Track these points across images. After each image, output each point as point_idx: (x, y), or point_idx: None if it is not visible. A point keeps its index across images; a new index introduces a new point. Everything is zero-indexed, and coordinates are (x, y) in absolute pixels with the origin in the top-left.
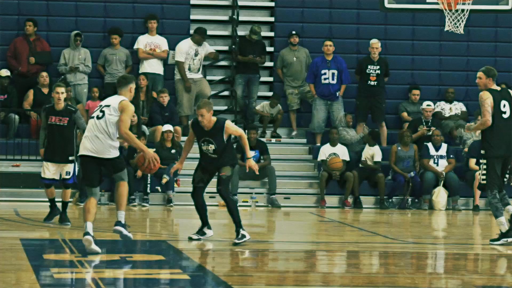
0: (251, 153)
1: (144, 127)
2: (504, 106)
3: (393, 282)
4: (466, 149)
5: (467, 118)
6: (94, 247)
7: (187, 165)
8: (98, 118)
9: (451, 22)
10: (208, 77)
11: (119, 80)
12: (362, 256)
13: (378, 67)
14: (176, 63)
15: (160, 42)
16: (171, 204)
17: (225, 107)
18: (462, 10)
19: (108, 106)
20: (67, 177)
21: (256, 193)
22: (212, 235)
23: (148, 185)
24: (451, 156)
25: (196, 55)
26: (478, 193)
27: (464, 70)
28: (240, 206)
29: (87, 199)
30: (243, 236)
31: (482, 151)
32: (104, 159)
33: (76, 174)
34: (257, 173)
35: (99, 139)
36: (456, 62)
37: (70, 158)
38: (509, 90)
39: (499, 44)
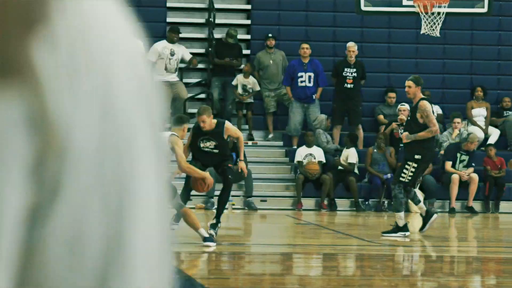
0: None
1: None
2: (433, 113)
3: (369, 285)
4: (442, 152)
5: (443, 120)
6: None
7: None
8: None
9: (427, 25)
10: (185, 80)
11: (176, 118)
12: (338, 259)
13: (354, 70)
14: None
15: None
16: None
17: None
18: (438, 13)
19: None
20: None
21: (232, 196)
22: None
23: None
24: None
25: (172, 54)
26: (454, 195)
27: (440, 73)
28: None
29: None
30: (214, 234)
31: (418, 156)
32: None
33: None
34: (246, 175)
35: None
36: (432, 65)
37: None
38: None
39: (475, 47)
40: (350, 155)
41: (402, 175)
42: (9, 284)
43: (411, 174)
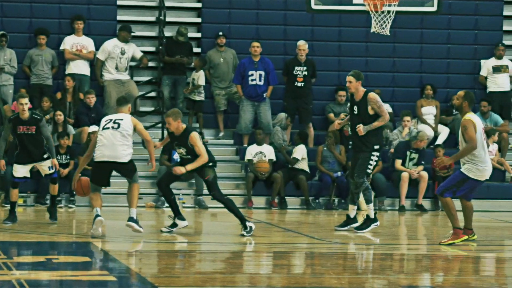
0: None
1: (71, 128)
2: None
3: (320, 283)
4: (392, 150)
5: (393, 119)
6: (100, 230)
7: None
8: (114, 128)
9: (377, 24)
10: (135, 78)
11: (119, 99)
12: (289, 257)
13: (305, 68)
14: (95, 59)
15: (86, 43)
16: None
17: (152, 108)
18: (388, 12)
19: (121, 119)
20: (52, 171)
21: (183, 194)
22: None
23: None
24: None
25: (123, 53)
26: (404, 193)
27: (390, 71)
28: (166, 207)
29: (92, 193)
30: (251, 228)
31: (377, 146)
32: (120, 163)
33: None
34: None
35: (118, 145)
36: (382, 63)
37: (45, 156)
38: None
39: (424, 46)
40: (296, 151)
41: (369, 166)
42: None
43: (374, 164)
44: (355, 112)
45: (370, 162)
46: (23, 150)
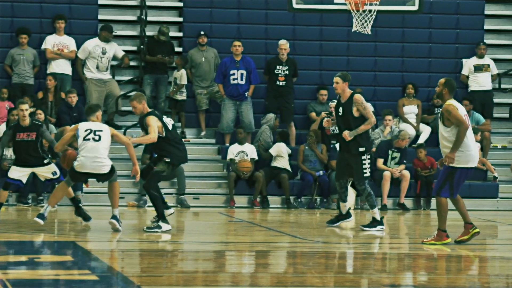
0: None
1: (52, 127)
2: None
3: (302, 282)
4: (374, 149)
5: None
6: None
7: None
8: (95, 140)
9: (358, 23)
10: (117, 78)
11: (87, 110)
12: (271, 256)
13: (286, 67)
14: (76, 58)
15: (68, 42)
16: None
17: None
18: (370, 11)
19: (101, 131)
20: (56, 176)
21: (165, 194)
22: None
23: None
24: None
25: (104, 53)
26: (385, 192)
27: (371, 70)
28: (149, 206)
29: (60, 185)
30: (158, 226)
31: (363, 148)
32: (101, 174)
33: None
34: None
35: (100, 158)
36: (364, 63)
37: (45, 161)
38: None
39: (406, 45)
40: (273, 147)
41: (364, 171)
42: None
43: (368, 166)
44: (340, 114)
45: (364, 166)
46: (20, 157)
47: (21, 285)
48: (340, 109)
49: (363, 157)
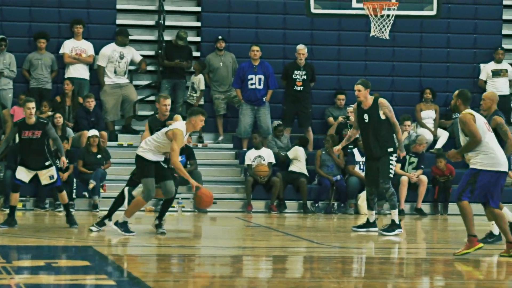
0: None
1: (70, 132)
2: None
3: (319, 287)
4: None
5: None
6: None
7: (113, 170)
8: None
9: (376, 28)
10: (134, 82)
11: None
12: (288, 261)
13: (304, 72)
14: (97, 67)
15: (86, 47)
16: (97, 209)
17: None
18: (388, 16)
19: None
20: (52, 181)
21: (182, 198)
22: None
23: (74, 191)
24: None
25: (121, 57)
26: (403, 197)
27: (389, 75)
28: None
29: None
30: (99, 226)
31: (391, 149)
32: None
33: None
34: None
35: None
36: (382, 67)
37: (47, 163)
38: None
39: (424, 50)
40: (291, 151)
41: (390, 171)
42: None
43: (393, 167)
44: (366, 121)
45: (391, 167)
46: (26, 156)
47: None
48: (366, 116)
49: (390, 157)
